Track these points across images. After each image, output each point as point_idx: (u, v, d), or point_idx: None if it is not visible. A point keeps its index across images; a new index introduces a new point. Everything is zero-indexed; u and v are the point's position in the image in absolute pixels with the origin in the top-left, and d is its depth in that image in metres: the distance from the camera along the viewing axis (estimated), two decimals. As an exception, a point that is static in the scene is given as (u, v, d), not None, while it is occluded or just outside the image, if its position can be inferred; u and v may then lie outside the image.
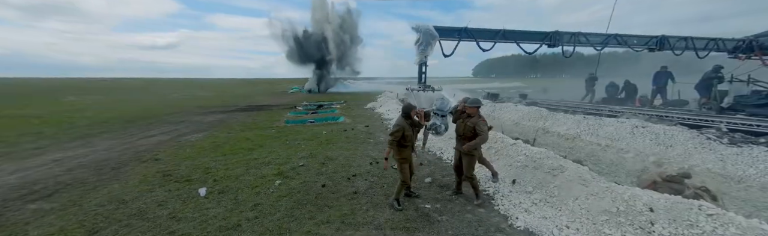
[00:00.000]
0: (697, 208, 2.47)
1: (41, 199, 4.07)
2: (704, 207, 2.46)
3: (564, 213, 3.12)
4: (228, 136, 8.37)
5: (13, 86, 53.82)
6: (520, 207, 3.46)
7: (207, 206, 3.69)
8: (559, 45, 7.73)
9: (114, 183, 4.60)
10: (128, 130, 10.03)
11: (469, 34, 7.07)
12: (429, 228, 3.13)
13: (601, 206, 2.93)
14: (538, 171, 3.94)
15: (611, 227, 2.71)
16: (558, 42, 7.61)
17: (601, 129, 7.84)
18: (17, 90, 41.82)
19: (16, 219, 3.47)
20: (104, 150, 7.08)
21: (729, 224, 2.27)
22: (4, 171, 5.50)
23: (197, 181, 4.57)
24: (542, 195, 3.54)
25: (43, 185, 4.65)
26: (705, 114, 7.25)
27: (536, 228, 3.02)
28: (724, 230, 2.25)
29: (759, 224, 2.21)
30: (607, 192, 3.06)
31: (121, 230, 3.13)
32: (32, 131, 10.01)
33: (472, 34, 7.12)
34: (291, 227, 3.15)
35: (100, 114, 14.81)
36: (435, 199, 3.86)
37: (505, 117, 11.85)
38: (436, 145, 6.66)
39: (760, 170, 4.80)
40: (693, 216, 2.43)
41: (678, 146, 6.05)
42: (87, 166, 5.69)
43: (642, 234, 2.54)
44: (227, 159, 5.81)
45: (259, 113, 14.27)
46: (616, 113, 8.96)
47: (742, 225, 2.23)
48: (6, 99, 26.15)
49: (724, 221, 2.30)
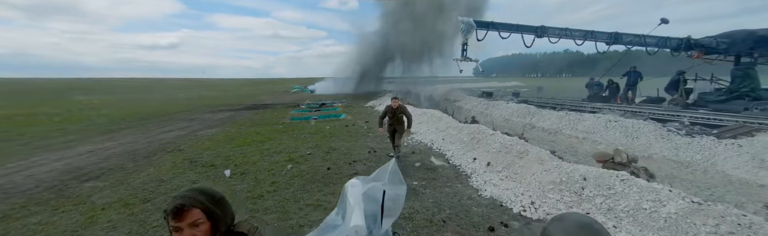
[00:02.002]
0: (615, 176, 3.24)
1: (92, 179, 4.87)
2: (620, 175, 3.22)
3: (522, 185, 3.89)
4: (239, 131, 9.17)
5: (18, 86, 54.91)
6: (490, 183, 4.23)
7: (233, 183, 4.48)
8: (545, 36, 8.79)
9: (149, 168, 5.40)
10: (145, 126, 10.84)
11: (494, 26, 8.97)
12: (415, 198, 3.91)
13: (550, 178, 3.69)
14: (508, 155, 4.71)
15: (554, 193, 3.47)
16: (544, 34, 8.72)
17: (579, 124, 8.59)
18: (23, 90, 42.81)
19: (80, 193, 4.26)
20: (130, 143, 7.88)
21: (633, 186, 3.03)
22: (49, 159, 6.31)
23: (220, 166, 5.36)
24: (508, 173, 4.32)
25: (89, 170, 5.45)
26: (673, 110, 7.99)
27: (499, 197, 3.79)
28: (630, 190, 3.01)
29: (652, 185, 2.97)
30: (556, 168, 3.83)
31: (168, 200, 3.92)
32: (57, 128, 10.84)
33: (496, 26, 8.99)
34: (303, 197, 3.93)
35: (115, 112, 15.65)
36: (421, 178, 4.64)
37: (497, 114, 12.60)
38: (427, 137, 7.43)
39: (705, 156, 5.55)
40: (612, 181, 3.20)
41: (643, 137, 6.80)
42: (120, 156, 6.50)
43: (575, 196, 3.30)
44: (242, 149, 6.60)
45: (264, 111, 15.07)
46: (596, 110, 9.70)
47: (642, 186, 2.99)
48: (17, 99, 27.07)
49: (631, 184, 3.06)
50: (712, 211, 2.42)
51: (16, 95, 34.13)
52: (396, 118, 5.26)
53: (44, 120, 13.16)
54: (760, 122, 5.95)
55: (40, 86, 57.81)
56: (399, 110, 5.26)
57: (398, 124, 5.29)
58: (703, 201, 2.58)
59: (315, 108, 14.90)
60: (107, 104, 21.69)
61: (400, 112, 5.25)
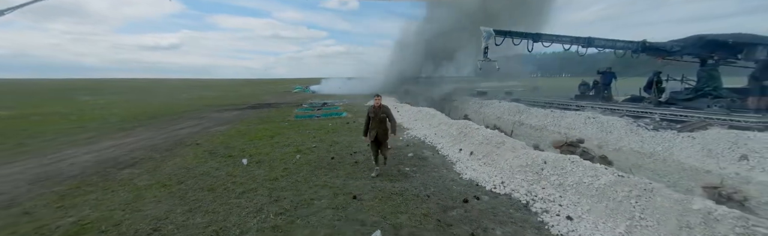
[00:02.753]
0: (568, 159, 3.97)
1: (128, 167, 5.60)
2: (572, 158, 3.95)
3: (496, 169, 4.62)
4: (248, 128, 9.90)
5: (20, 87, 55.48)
6: (471, 168, 4.96)
7: (251, 169, 5.21)
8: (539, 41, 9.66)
9: (175, 158, 6.13)
10: (158, 124, 11.56)
11: (509, 34, 10.17)
12: (406, 180, 4.63)
13: (519, 162, 4.42)
14: (489, 145, 5.44)
15: (520, 173, 4.20)
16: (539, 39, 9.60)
17: (562, 120, 9.32)
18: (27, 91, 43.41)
19: (121, 177, 4.99)
20: (148, 139, 8.60)
21: (579, 166, 3.76)
22: (79, 152, 7.03)
23: (237, 156, 6.09)
24: (487, 160, 5.05)
25: (121, 160, 6.17)
26: (647, 107, 8.72)
27: (476, 178, 4.52)
28: (576, 169, 3.74)
29: (594, 165, 3.70)
30: (524, 154, 4.56)
31: (199, 181, 4.65)
32: (75, 126, 11.55)
33: (511, 34, 10.17)
34: (312, 179, 4.65)
35: (125, 112, 16.37)
36: (413, 165, 5.37)
37: (489, 112, 13.35)
38: (421, 133, 8.16)
39: (665, 147, 6.27)
40: (564, 163, 3.93)
41: (615, 132, 7.53)
42: (143, 149, 7.22)
43: (536, 176, 4.03)
44: (254, 143, 7.33)
45: (269, 110, 15.80)
46: (579, 108, 10.43)
47: (586, 165, 3.72)
48: (24, 99, 27.73)
49: (578, 164, 3.79)
50: (629, 181, 3.15)
51: (22, 95, 34.76)
52: (378, 119, 4.56)
53: (59, 119, 13.87)
54: (716, 117, 6.66)
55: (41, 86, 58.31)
56: (382, 110, 4.60)
57: (381, 129, 4.58)
58: (624, 174, 3.31)
59: (318, 107, 15.62)
60: (114, 104, 22.36)
61: (383, 112, 4.59)
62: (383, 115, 4.59)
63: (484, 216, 3.42)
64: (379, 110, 4.60)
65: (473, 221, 3.29)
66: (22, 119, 13.79)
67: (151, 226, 3.27)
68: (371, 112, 4.64)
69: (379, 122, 4.57)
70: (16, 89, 49.63)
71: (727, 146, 5.45)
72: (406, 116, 10.94)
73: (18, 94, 36.57)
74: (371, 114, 4.62)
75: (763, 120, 6.12)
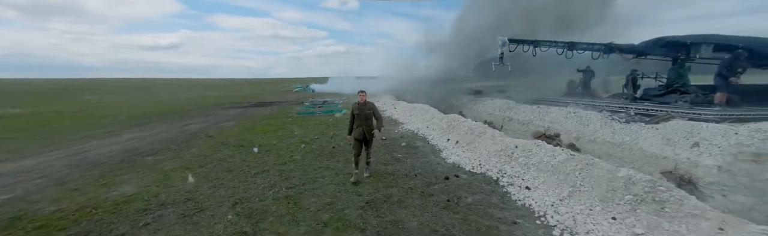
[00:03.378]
0: (534, 144, 4.66)
1: (151, 155, 6.28)
2: (537, 142, 4.65)
3: (475, 154, 5.31)
4: (254, 123, 10.58)
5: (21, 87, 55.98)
6: (455, 154, 5.66)
7: (261, 156, 5.89)
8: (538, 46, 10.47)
9: (192, 148, 6.81)
10: (167, 121, 12.21)
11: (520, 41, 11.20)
12: (397, 164, 5.32)
13: (495, 148, 5.12)
14: (472, 135, 6.13)
15: (495, 157, 4.90)
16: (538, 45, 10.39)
17: (547, 115, 10.01)
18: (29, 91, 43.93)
19: (147, 163, 5.67)
20: (164, 132, 9.27)
21: (542, 148, 4.45)
22: (102, 144, 7.71)
23: (248, 146, 6.77)
24: (469, 147, 5.74)
25: (143, 150, 6.85)
26: (624, 103, 9.42)
27: (458, 162, 5.22)
28: (539, 151, 4.43)
29: (554, 147, 4.40)
30: (501, 141, 5.25)
31: (217, 165, 5.34)
32: (88, 122, 12.22)
33: (523, 42, 11.19)
34: (315, 163, 5.34)
35: (132, 110, 17.01)
36: (405, 152, 6.06)
37: (482, 109, 14.05)
38: (415, 126, 8.85)
39: (632, 138, 6.97)
40: (531, 147, 4.62)
41: (591, 124, 8.22)
42: (161, 141, 7.89)
43: (507, 158, 4.73)
44: (262, 136, 8.01)
45: (271, 107, 16.48)
46: (564, 104, 11.12)
47: (548, 148, 4.42)
48: (27, 99, 28.30)
49: (542, 147, 4.48)
50: (577, 158, 3.84)
51: (24, 95, 35.31)
52: (363, 116, 4.24)
53: (71, 117, 14.52)
54: (680, 111, 7.35)
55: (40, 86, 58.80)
56: (367, 106, 4.30)
57: (367, 126, 4.27)
58: (575, 153, 4.01)
59: (318, 105, 16.30)
60: (118, 103, 22.98)
61: (369, 108, 4.29)
62: (369, 111, 4.29)
63: (460, 188, 4.11)
64: (364, 106, 4.30)
65: (450, 192, 3.98)
66: (35, 117, 14.44)
67: (184, 197, 3.95)
68: (355, 109, 4.32)
69: (364, 119, 4.28)
70: (16, 88, 50.18)
71: (683, 136, 6.15)
72: (401, 112, 11.63)
73: (20, 94, 37.16)
74: (355, 111, 4.31)
75: (721, 113, 6.81)
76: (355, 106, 4.37)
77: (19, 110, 17.12)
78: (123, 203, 3.81)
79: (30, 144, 7.86)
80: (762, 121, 6.15)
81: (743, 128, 5.74)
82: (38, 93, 37.94)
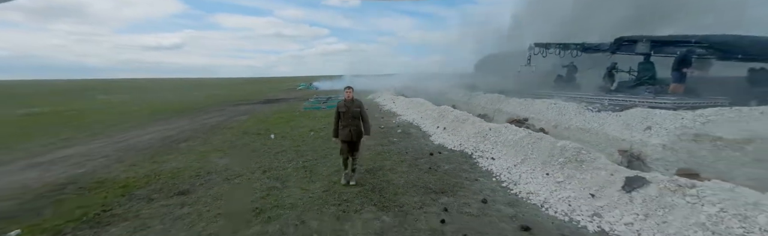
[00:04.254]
0: (504, 127, 5.69)
1: (183, 142, 7.39)
2: (507, 125, 5.67)
3: (458, 137, 6.35)
4: (266, 116, 11.68)
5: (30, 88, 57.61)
6: (441, 137, 6.70)
7: (278, 141, 6.98)
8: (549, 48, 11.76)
9: (217, 136, 7.92)
10: (185, 116, 13.35)
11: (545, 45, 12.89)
12: (392, 145, 6.37)
13: (473, 131, 6.15)
14: (457, 122, 7.16)
15: (472, 137, 5.93)
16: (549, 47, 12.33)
17: (531, 107, 10.98)
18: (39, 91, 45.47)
19: (183, 147, 6.78)
20: (187, 125, 10.39)
21: (510, 129, 5.48)
22: (137, 134, 8.83)
23: (265, 134, 7.86)
24: (453, 132, 6.77)
25: (175, 138, 7.97)
26: (599, 95, 10.37)
27: (443, 143, 6.27)
28: (507, 131, 5.46)
29: (517, 128, 5.42)
30: (479, 126, 6.28)
31: (243, 148, 6.43)
32: (113, 118, 13.39)
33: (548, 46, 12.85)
34: (324, 146, 6.39)
35: (148, 107, 18.22)
36: (400, 137, 7.11)
37: (475, 102, 15.04)
38: (411, 117, 9.89)
39: (600, 124, 7.94)
40: (501, 129, 5.64)
41: (567, 114, 9.19)
42: (188, 131, 9.01)
43: (482, 138, 5.76)
44: (275, 126, 9.10)
45: (279, 104, 17.59)
46: (549, 96, 12.06)
47: (514, 129, 5.44)
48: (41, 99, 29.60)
49: (509, 129, 5.50)
50: (532, 135, 4.86)
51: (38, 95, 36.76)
52: (351, 114, 3.87)
53: (93, 114, 15.74)
54: (644, 100, 8.29)
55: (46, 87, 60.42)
56: (354, 103, 3.93)
57: (355, 126, 3.92)
58: (531, 131, 5.03)
59: (323, 101, 17.37)
60: (131, 102, 24.22)
61: (357, 106, 3.92)
62: (356, 109, 3.92)
63: (440, 161, 5.15)
64: (351, 103, 3.92)
65: (433, 163, 5.03)
66: (59, 115, 15.66)
67: (223, 168, 5.04)
68: (341, 106, 3.93)
69: (351, 119, 3.91)
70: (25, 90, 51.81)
71: (640, 121, 7.10)
72: (400, 105, 12.67)
73: (31, 95, 38.60)
74: (342, 109, 3.91)
75: (677, 101, 7.76)
76: (341, 103, 4.00)
77: (40, 109, 18.40)
78: (177, 172, 4.91)
79: (75, 135, 9.02)
80: (709, 107, 7.10)
81: (689, 114, 6.69)
82: (49, 94, 39.33)
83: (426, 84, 25.57)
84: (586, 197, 3.23)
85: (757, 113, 6.29)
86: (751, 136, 5.75)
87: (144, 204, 3.66)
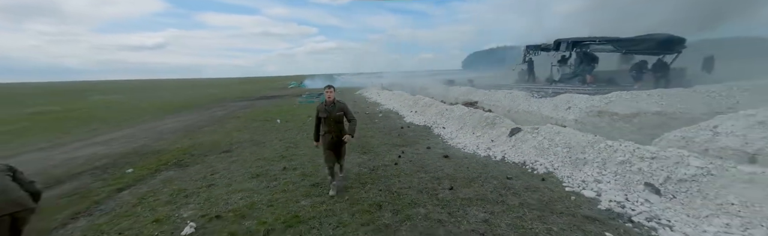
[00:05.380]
0: (456, 107, 7.67)
1: (204, 127, 9.08)
2: (458, 106, 7.66)
3: (424, 116, 8.31)
4: (267, 109, 13.38)
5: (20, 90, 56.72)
6: (411, 118, 8.65)
7: (284, 124, 8.77)
8: None
9: (231, 122, 9.64)
10: (193, 111, 14.87)
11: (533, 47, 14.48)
12: (373, 124, 8.26)
13: (436, 111, 8.12)
14: (426, 106, 9.12)
15: (434, 116, 7.91)
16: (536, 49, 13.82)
17: (492, 96, 13.08)
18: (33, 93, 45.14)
19: (207, 130, 8.49)
20: (198, 117, 12.00)
21: (461, 109, 7.46)
22: (159, 124, 10.43)
23: (271, 120, 9.62)
24: (422, 113, 8.74)
25: (196, 125, 9.63)
26: (546, 85, 12.56)
27: (412, 121, 8.22)
28: (460, 110, 7.44)
29: (462, 106, 7.41)
30: (440, 107, 8.26)
31: (257, 129, 8.21)
32: (127, 114, 14.79)
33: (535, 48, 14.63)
34: (321, 125, 8.26)
35: (153, 105, 19.50)
36: (381, 119, 9.01)
37: (450, 95, 17.08)
38: (392, 106, 11.80)
39: (538, 107, 10.05)
40: (454, 108, 7.63)
41: (518, 100, 11.31)
42: (203, 120, 10.67)
43: (441, 116, 7.74)
44: (278, 115, 10.85)
45: (274, 100, 19.22)
46: (508, 87, 14.21)
47: (461, 107, 7.43)
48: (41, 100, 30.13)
49: (458, 108, 7.49)
50: (470, 111, 6.85)
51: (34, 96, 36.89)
52: (333, 119, 3.47)
53: (103, 111, 16.99)
54: (575, 88, 10.48)
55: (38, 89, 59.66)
56: (336, 107, 3.48)
57: (338, 131, 3.52)
58: (470, 109, 7.02)
59: (315, 96, 19.10)
60: (131, 101, 25.22)
61: (340, 109, 3.48)
62: (339, 113, 3.48)
63: (407, 131, 7.09)
64: (333, 107, 3.47)
65: (402, 133, 6.95)
66: (72, 112, 16.86)
67: (248, 139, 6.83)
68: (321, 110, 3.51)
69: (334, 123, 3.49)
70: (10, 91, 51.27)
71: (564, 103, 9.23)
72: (384, 97, 14.60)
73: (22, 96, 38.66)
74: (322, 114, 3.50)
75: (595, 89, 9.97)
76: (321, 107, 3.53)
77: (47, 108, 19.45)
78: (214, 142, 6.68)
79: (101, 127, 10.54)
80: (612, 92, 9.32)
81: (598, 97, 8.85)
82: (42, 95, 39.47)
83: (413, 81, 27.66)
84: (488, 142, 5.23)
85: (645, 95, 8.51)
86: (638, 111, 7.94)
87: (203, 157, 5.46)
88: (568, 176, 3.60)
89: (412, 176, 3.99)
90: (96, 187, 4.16)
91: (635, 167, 3.19)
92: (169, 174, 4.56)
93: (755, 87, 7.40)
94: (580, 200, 3.05)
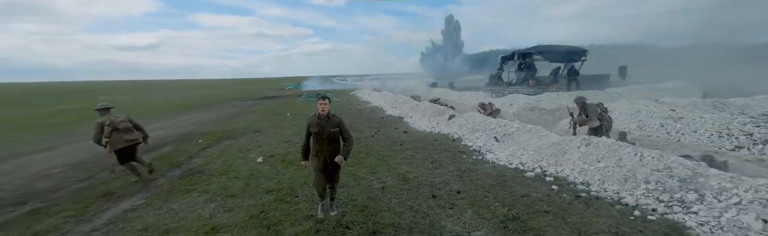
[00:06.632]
0: (423, 103, 10.37)
1: (231, 119, 11.58)
2: (425, 102, 10.35)
3: (401, 110, 10.98)
4: (274, 107, 15.91)
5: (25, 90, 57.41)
6: (391, 112, 11.32)
7: (293, 116, 11.34)
8: None
9: (250, 115, 12.16)
10: (205, 110, 17.20)
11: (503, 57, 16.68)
12: (362, 116, 10.89)
13: (409, 106, 10.80)
14: (403, 103, 11.79)
15: (407, 110, 10.58)
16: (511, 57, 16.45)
17: (462, 96, 15.88)
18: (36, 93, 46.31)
19: (234, 120, 11.00)
20: (214, 114, 14.43)
21: (424, 104, 10.15)
22: (188, 118, 12.87)
23: (282, 114, 12.17)
24: (399, 108, 11.41)
25: (216, 120, 12.11)
26: (504, 88, 15.40)
27: (392, 114, 10.89)
28: (422, 104, 10.13)
29: (427, 103, 10.11)
30: (411, 104, 10.95)
31: (272, 120, 10.76)
32: (146, 112, 17.07)
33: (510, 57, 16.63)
34: (322, 117, 10.88)
35: (167, 104, 21.72)
36: (367, 113, 11.65)
37: (430, 95, 19.87)
38: (379, 104, 14.47)
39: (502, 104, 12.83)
40: (421, 104, 10.32)
41: (481, 99, 14.07)
42: (224, 115, 13.15)
43: (411, 110, 10.41)
44: (286, 110, 13.41)
45: (277, 99, 21.69)
46: (477, 89, 17.03)
47: (426, 103, 10.13)
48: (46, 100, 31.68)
49: (423, 104, 10.18)
50: (432, 105, 9.54)
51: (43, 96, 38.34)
52: (326, 136, 2.92)
53: (123, 109, 19.15)
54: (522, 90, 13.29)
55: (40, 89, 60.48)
56: (331, 122, 2.95)
57: (331, 151, 2.96)
58: (434, 104, 9.71)
59: (314, 96, 21.68)
60: (137, 102, 27.05)
61: (334, 126, 2.95)
62: (334, 130, 2.95)
63: (386, 120, 9.73)
64: (327, 122, 2.95)
65: (381, 121, 9.59)
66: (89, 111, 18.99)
67: (270, 125, 9.38)
68: (313, 125, 2.95)
69: (327, 141, 2.96)
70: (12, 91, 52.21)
71: (509, 101, 12.01)
72: (374, 97, 17.27)
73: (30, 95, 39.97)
74: (314, 129, 2.94)
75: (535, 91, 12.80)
76: (312, 120, 3.00)
77: (69, 106, 21.48)
78: (246, 127, 9.22)
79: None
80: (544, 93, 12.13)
81: (534, 96, 11.66)
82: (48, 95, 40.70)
83: (404, 83, 30.41)
84: (435, 124, 7.92)
85: (567, 95, 11.34)
86: (558, 107, 10.74)
87: (244, 135, 8.01)
88: (467, 138, 6.29)
89: (381, 141, 6.64)
90: (186, 148, 6.70)
91: (493, 131, 5.92)
92: (228, 142, 7.12)
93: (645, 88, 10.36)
94: (465, 146, 5.73)
